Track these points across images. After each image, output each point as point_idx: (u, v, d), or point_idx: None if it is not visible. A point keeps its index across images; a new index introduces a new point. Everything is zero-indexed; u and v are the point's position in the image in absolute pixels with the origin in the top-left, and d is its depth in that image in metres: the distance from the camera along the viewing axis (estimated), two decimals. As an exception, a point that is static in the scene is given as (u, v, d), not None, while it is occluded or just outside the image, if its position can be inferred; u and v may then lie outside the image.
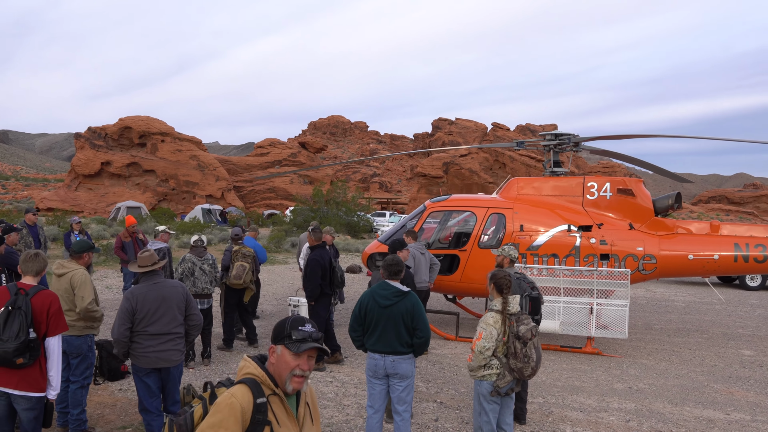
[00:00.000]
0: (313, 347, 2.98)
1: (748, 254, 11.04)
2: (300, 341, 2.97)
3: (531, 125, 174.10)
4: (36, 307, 5.20)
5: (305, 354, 2.97)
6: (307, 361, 2.99)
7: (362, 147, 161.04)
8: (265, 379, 2.99)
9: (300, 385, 2.99)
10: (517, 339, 5.89)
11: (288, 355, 2.97)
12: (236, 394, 2.94)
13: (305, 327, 3.01)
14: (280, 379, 2.99)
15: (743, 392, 9.01)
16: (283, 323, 3.06)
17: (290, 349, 2.96)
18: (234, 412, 2.89)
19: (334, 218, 38.79)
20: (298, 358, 2.96)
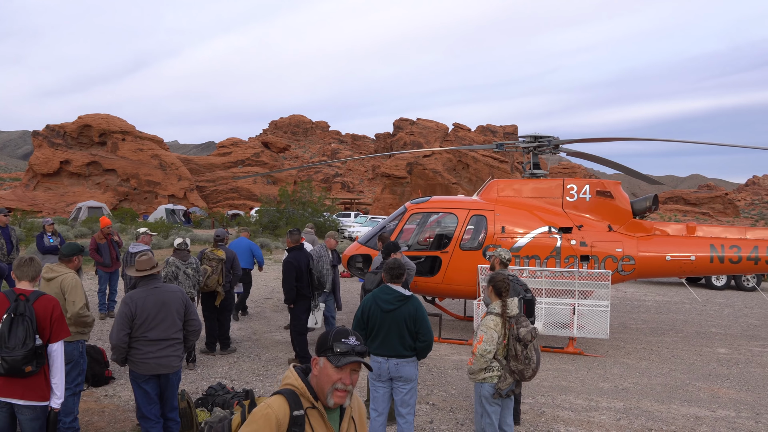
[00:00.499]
0: (355, 361, 2.89)
1: (724, 255, 11.31)
2: (342, 354, 2.89)
3: (491, 126, 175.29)
4: (39, 312, 5.05)
5: (347, 367, 2.89)
6: (350, 375, 2.90)
7: (324, 147, 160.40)
8: (305, 391, 2.93)
9: (342, 400, 2.90)
10: (518, 341, 5.93)
11: (330, 368, 2.88)
12: (273, 405, 2.90)
13: (348, 340, 2.93)
14: (322, 393, 2.91)
15: (724, 389, 9.23)
16: (327, 335, 2.98)
17: (332, 362, 2.88)
18: (269, 423, 2.85)
19: (301, 219, 38.62)
20: (340, 372, 2.87)
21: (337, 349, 2.89)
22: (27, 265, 5.33)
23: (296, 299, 9.87)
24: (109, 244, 12.87)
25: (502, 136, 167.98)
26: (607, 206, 11.81)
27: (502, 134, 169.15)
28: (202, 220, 47.68)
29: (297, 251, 10.30)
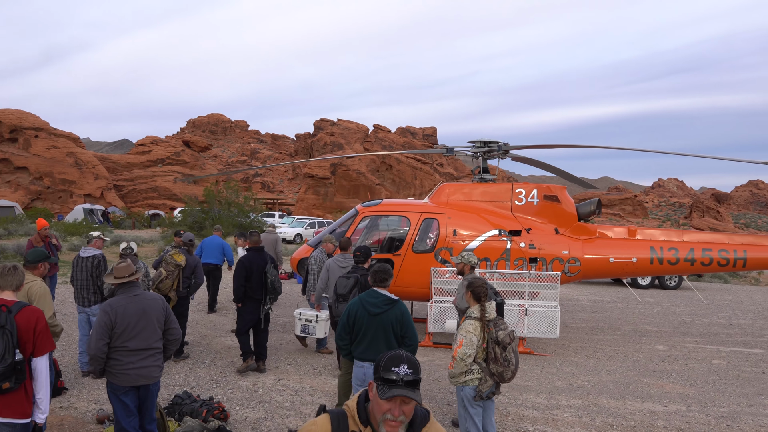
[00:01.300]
0: (400, 395, 2.65)
1: (663, 257, 11.87)
2: (387, 384, 2.69)
3: (411, 127, 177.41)
4: (21, 325, 4.77)
5: (397, 399, 2.67)
6: (400, 406, 2.67)
7: (243, 146, 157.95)
8: (355, 414, 2.83)
9: (394, 430, 2.70)
10: (497, 344, 6.06)
11: (378, 396, 2.71)
12: (317, 423, 2.87)
13: (398, 368, 2.70)
14: (375, 420, 2.76)
15: (671, 385, 9.70)
16: (380, 359, 2.81)
17: (378, 391, 2.71)
18: None
19: (226, 219, 37.95)
20: (388, 402, 2.67)
21: (384, 376, 2.70)
22: (10, 273, 5.05)
23: (244, 300, 9.80)
24: (47, 247, 12.29)
25: (421, 138, 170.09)
26: (553, 210, 12.18)
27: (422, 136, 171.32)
28: (121, 221, 46.09)
29: (254, 252, 10.15)
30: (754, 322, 15.35)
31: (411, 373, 2.69)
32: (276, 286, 9.81)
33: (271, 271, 9.83)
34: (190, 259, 10.62)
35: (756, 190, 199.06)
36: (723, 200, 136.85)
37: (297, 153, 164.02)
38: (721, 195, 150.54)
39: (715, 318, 15.81)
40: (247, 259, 9.91)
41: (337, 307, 7.61)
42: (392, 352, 2.80)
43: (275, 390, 8.86)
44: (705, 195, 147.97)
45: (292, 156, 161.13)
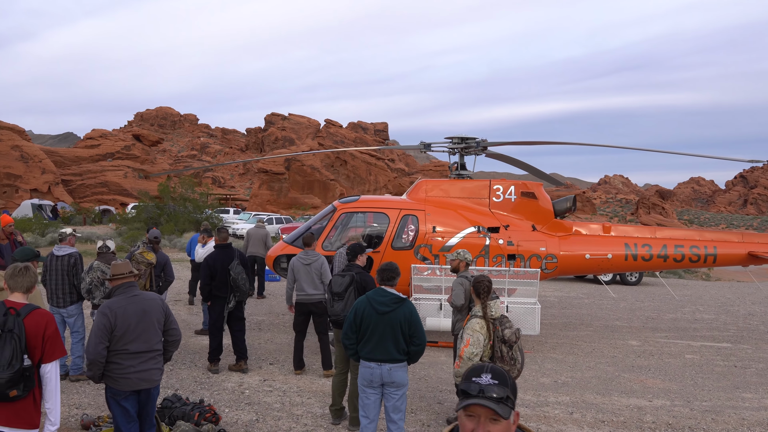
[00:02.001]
0: (476, 404, 2.27)
1: (637, 253, 12.08)
2: (465, 395, 2.33)
3: (363, 123, 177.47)
4: (30, 329, 4.53)
5: (477, 412, 2.27)
6: (484, 424, 2.26)
7: (193, 141, 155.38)
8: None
9: None
10: (503, 342, 6.05)
11: (461, 412, 2.33)
12: None
13: (480, 378, 2.32)
14: None
15: (651, 380, 9.87)
16: (466, 371, 2.44)
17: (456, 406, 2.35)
18: None
19: (183, 215, 37.25)
20: (470, 421, 2.28)
21: (464, 388, 2.33)
22: (21, 274, 4.78)
23: (210, 298, 9.63)
24: (11, 245, 11.79)
25: (373, 133, 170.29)
26: (530, 207, 12.27)
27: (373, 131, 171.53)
28: (71, 217, 44.75)
29: (220, 250, 9.95)
30: (717, 317, 15.77)
31: (496, 384, 2.29)
32: (239, 284, 9.53)
33: (235, 268, 9.58)
34: (160, 256, 10.35)
35: (697, 187, 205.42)
36: (667, 197, 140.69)
37: (248, 148, 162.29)
38: (665, 191, 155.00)
39: (680, 313, 16.19)
40: (212, 257, 9.75)
41: (333, 306, 7.48)
42: (477, 364, 2.44)
43: (262, 391, 8.69)
44: (650, 191, 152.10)
45: (243, 151, 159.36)
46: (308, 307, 9.56)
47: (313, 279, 9.51)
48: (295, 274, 9.56)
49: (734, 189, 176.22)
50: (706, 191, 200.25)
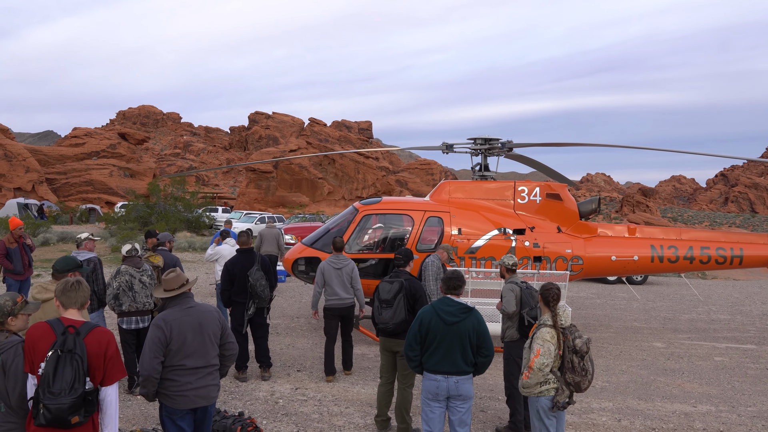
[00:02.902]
0: None
1: (663, 255, 11.92)
2: None
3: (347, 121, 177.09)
4: (91, 349, 4.21)
5: None
6: None
7: (176, 139, 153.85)
8: None
9: None
10: (575, 353, 5.81)
11: None
12: None
13: None
14: None
15: (689, 384, 9.71)
16: None
17: None
18: None
19: (173, 214, 36.74)
20: None
21: None
22: (74, 289, 4.45)
23: (231, 304, 9.36)
24: (20, 249, 11.41)
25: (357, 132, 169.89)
26: (556, 208, 12.06)
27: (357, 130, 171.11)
28: (58, 216, 43.96)
29: (241, 254, 9.66)
30: (733, 317, 15.69)
31: None
32: (257, 291, 9.20)
33: (254, 274, 9.26)
34: (168, 258, 9.99)
35: (678, 185, 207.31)
36: (649, 195, 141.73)
37: (231, 146, 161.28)
38: (647, 189, 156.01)
39: (695, 313, 16.09)
40: (232, 262, 9.51)
41: (381, 314, 7.18)
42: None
43: (296, 400, 8.39)
44: (632, 189, 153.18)
45: (226, 149, 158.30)
46: (340, 312, 9.44)
47: (344, 283, 9.40)
48: (326, 278, 9.40)
49: (715, 187, 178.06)
50: (688, 189, 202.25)
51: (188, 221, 37.99)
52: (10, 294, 4.62)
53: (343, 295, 9.38)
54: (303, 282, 12.58)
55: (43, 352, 4.14)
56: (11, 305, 4.51)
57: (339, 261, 9.45)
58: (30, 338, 4.22)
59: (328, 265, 9.43)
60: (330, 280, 9.37)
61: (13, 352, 4.25)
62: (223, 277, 9.48)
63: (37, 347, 4.17)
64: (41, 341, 4.18)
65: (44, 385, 4.06)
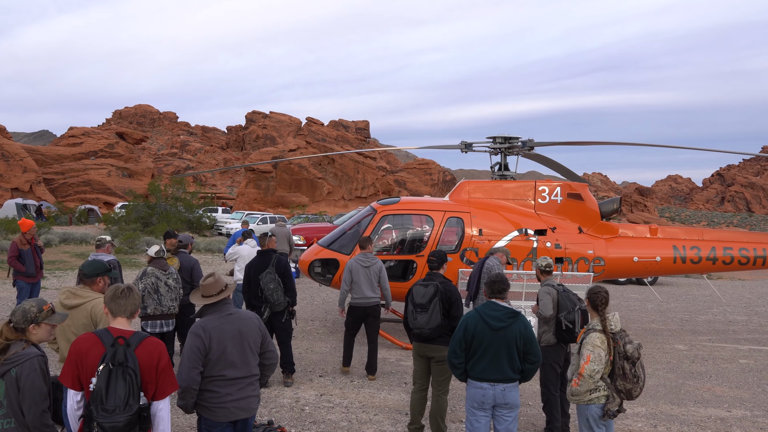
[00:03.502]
0: None
1: (685, 255, 11.74)
2: None
3: (344, 121, 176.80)
4: (143, 361, 3.96)
5: None
6: None
7: (172, 138, 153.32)
8: None
9: None
10: (626, 359, 5.62)
11: None
12: None
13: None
14: None
15: (719, 388, 9.53)
16: None
17: None
18: None
19: (174, 215, 36.44)
20: None
21: None
22: (124, 296, 4.19)
23: (249, 307, 9.16)
24: (33, 251, 11.17)
25: (354, 131, 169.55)
26: (577, 208, 11.88)
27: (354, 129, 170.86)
28: (57, 216, 43.58)
29: (258, 257, 9.46)
30: (749, 318, 15.53)
31: None
32: (267, 295, 8.96)
33: (264, 278, 9.01)
34: (185, 261, 9.72)
35: (675, 185, 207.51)
36: (646, 194, 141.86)
37: (229, 146, 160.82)
38: (644, 189, 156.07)
39: (711, 314, 15.94)
40: (250, 265, 9.38)
41: (416, 319, 6.96)
42: None
43: (323, 407, 8.16)
44: (629, 189, 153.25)
45: (223, 149, 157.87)
46: (365, 311, 9.39)
47: (372, 282, 9.36)
48: (353, 276, 9.34)
49: (711, 187, 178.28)
50: (684, 189, 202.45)
51: (189, 222, 37.70)
52: (36, 300, 4.36)
53: (370, 294, 9.33)
54: (318, 284, 12.33)
55: (91, 366, 3.90)
56: (36, 312, 4.24)
57: (367, 259, 9.40)
58: (77, 351, 3.97)
59: (357, 263, 9.37)
60: (357, 279, 9.32)
61: (29, 367, 4.00)
62: (244, 279, 9.40)
63: (85, 361, 3.92)
64: (89, 354, 3.94)
65: (97, 402, 3.82)
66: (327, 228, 22.11)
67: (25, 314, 4.21)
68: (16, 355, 4.04)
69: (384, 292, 9.50)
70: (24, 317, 4.21)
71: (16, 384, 3.97)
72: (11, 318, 4.23)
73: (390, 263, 11.56)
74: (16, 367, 3.99)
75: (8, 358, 4.04)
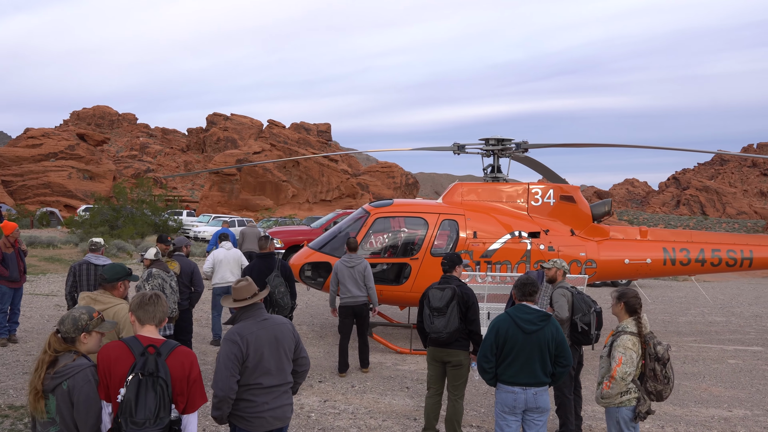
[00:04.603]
0: None
1: (675, 258, 11.89)
2: None
3: (305, 123, 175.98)
4: (174, 372, 3.79)
5: None
6: None
7: (132, 140, 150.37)
8: None
9: None
10: (657, 361, 5.61)
11: None
12: None
13: None
14: None
15: (716, 389, 9.65)
16: None
17: None
18: None
19: (141, 218, 35.74)
20: None
21: None
22: (152, 303, 4.02)
23: None
24: (16, 254, 10.78)
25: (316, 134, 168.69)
26: (569, 211, 11.93)
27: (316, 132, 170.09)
28: (17, 220, 42.33)
29: (260, 260, 9.38)
30: (728, 319, 15.82)
31: None
32: (277, 299, 8.84)
33: (273, 281, 8.91)
34: (185, 265, 9.52)
35: (631, 188, 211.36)
36: (604, 198, 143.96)
37: (189, 148, 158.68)
38: (602, 193, 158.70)
39: (690, 316, 16.19)
40: (249, 268, 9.37)
41: (432, 322, 6.84)
42: None
43: (329, 413, 8.01)
44: (587, 192, 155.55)
45: (184, 151, 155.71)
46: (353, 309, 9.65)
47: (358, 281, 9.61)
48: (339, 276, 9.63)
49: (667, 190, 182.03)
50: (641, 192, 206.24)
51: (156, 225, 37.03)
52: (86, 307, 4.14)
53: (357, 293, 9.60)
54: (306, 288, 12.15)
55: (120, 375, 3.71)
56: (87, 319, 4.01)
57: (351, 260, 9.68)
58: (105, 360, 3.77)
59: (341, 264, 9.68)
60: (343, 279, 9.61)
61: (83, 378, 3.75)
62: None
63: (113, 370, 3.73)
64: (118, 363, 3.74)
65: (126, 414, 3.64)
66: (305, 231, 21.90)
67: (76, 322, 3.96)
68: (67, 368, 3.78)
69: (369, 291, 9.70)
70: (75, 326, 3.95)
71: (68, 398, 3.73)
72: (59, 327, 3.96)
73: (384, 266, 11.47)
74: (68, 379, 3.74)
75: (58, 371, 3.77)
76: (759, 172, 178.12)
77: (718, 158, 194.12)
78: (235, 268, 11.66)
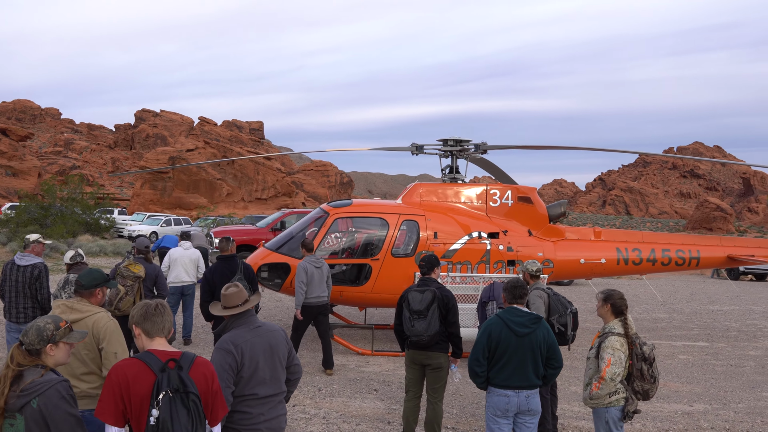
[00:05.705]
0: None
1: (628, 257, 12.18)
2: None
3: (237, 121, 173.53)
4: (199, 385, 3.58)
5: None
6: None
7: (56, 136, 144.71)
8: None
9: None
10: (644, 360, 5.70)
11: None
12: None
13: None
14: None
15: (672, 383, 9.96)
16: None
17: None
18: None
19: (71, 216, 34.44)
20: None
21: None
22: (159, 314, 3.76)
23: (211, 318, 8.78)
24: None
25: (248, 132, 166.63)
26: (527, 211, 12.06)
27: (248, 130, 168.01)
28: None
29: (222, 262, 9.18)
30: (671, 316, 16.36)
31: None
32: None
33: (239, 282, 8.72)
34: (149, 268, 9.17)
35: (560, 188, 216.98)
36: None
37: (117, 145, 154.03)
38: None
39: (635, 313, 16.65)
40: (211, 271, 9.11)
41: (413, 326, 6.74)
42: None
43: (299, 419, 7.82)
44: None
45: (111, 148, 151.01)
46: (317, 310, 9.70)
47: (323, 282, 9.70)
48: (309, 277, 9.56)
49: (594, 191, 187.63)
50: (568, 192, 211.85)
51: (87, 224, 35.77)
52: (52, 316, 3.76)
53: (321, 294, 9.72)
54: (262, 288, 11.87)
55: (141, 395, 3.43)
56: (53, 329, 3.65)
57: (318, 261, 9.77)
58: (121, 380, 3.47)
59: (310, 265, 9.61)
60: (312, 280, 9.59)
61: (55, 395, 3.44)
62: (202, 287, 9.02)
63: (132, 390, 3.44)
64: (137, 382, 3.46)
65: None
66: (250, 231, 21.50)
67: (41, 333, 3.61)
68: (35, 384, 3.44)
69: (329, 291, 9.91)
70: (39, 336, 3.60)
71: (41, 417, 3.41)
72: (22, 339, 3.61)
73: (344, 267, 11.34)
74: (38, 397, 3.40)
75: (25, 389, 3.42)
76: (679, 174, 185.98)
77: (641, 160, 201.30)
78: (191, 268, 11.33)
